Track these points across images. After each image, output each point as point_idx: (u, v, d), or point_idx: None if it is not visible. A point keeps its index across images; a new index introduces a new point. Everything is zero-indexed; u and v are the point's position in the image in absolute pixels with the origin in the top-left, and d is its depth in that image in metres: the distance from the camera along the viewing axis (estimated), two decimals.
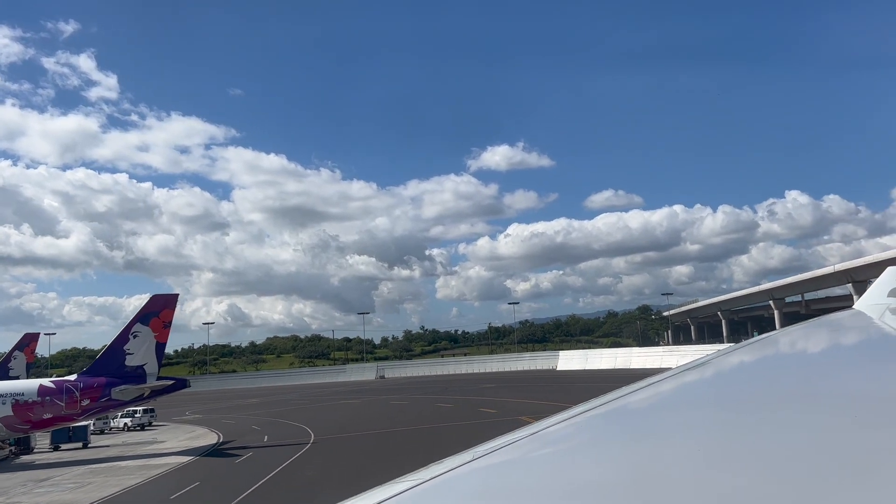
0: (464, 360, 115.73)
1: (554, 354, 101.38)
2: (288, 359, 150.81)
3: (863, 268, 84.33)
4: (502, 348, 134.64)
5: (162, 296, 36.95)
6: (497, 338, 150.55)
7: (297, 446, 30.56)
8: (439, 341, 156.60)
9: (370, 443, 30.13)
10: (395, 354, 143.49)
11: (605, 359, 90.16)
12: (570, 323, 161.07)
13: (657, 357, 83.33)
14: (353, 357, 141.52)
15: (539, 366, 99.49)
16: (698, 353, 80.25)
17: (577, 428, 2.00)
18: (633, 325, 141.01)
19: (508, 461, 1.67)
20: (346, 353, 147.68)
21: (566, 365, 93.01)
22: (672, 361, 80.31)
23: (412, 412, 43.82)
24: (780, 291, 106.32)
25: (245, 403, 68.29)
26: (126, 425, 48.49)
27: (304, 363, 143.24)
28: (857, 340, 4.03)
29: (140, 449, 36.19)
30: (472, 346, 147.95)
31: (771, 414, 1.74)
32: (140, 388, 33.97)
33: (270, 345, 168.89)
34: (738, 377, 3.05)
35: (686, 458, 1.36)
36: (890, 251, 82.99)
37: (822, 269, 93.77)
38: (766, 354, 3.68)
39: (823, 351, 3.75)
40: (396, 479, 1.52)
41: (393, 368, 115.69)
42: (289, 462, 26.09)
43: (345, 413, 47.97)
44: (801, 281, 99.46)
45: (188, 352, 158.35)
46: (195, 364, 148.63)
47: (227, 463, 28.44)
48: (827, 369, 2.77)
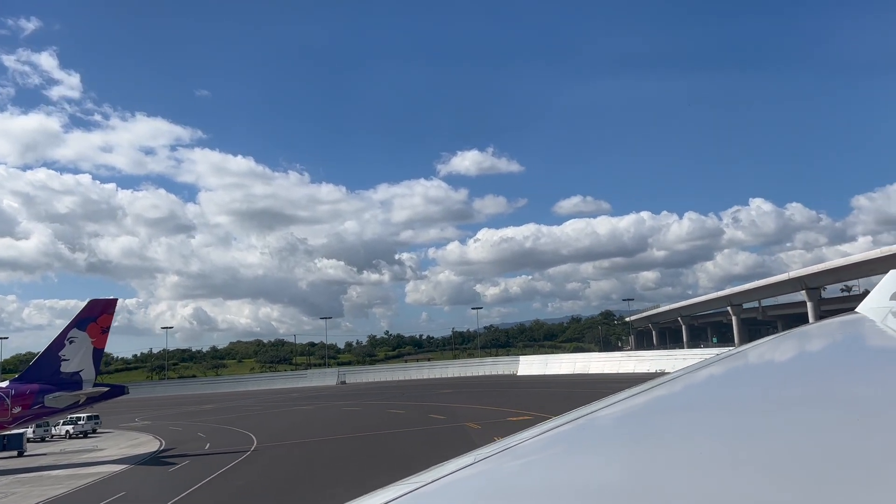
0: (426, 365, 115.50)
1: (515, 359, 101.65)
2: (249, 364, 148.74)
3: (815, 275, 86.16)
4: (465, 353, 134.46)
5: (100, 300, 35.94)
6: (462, 343, 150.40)
7: (235, 454, 29.91)
8: (404, 346, 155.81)
9: (308, 451, 29.63)
10: (357, 359, 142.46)
11: (564, 364, 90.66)
12: (534, 328, 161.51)
13: (615, 362, 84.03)
14: (316, 362, 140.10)
15: (500, 371, 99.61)
16: (655, 358, 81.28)
17: (579, 431, 1.97)
18: (596, 330, 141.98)
19: (511, 464, 1.66)
20: (308, 359, 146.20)
21: (526, 370, 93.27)
22: (629, 366, 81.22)
23: (362, 418, 43.35)
24: (737, 298, 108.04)
25: (199, 410, 67.01)
26: (68, 432, 47.16)
27: (265, 368, 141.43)
28: (860, 344, 3.97)
29: (77, 457, 35.13)
30: (436, 352, 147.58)
31: (774, 417, 1.73)
32: (75, 395, 32.95)
33: (232, 349, 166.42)
34: (740, 380, 3.01)
35: (689, 461, 1.34)
36: (839, 260, 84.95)
37: (777, 276, 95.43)
38: (769, 357, 3.67)
39: (826, 354, 3.71)
40: (398, 482, 1.50)
41: (355, 374, 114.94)
42: (221, 471, 25.48)
43: (294, 420, 47.27)
44: (758, 287, 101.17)
45: (147, 356, 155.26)
46: (154, 369, 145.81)
47: (160, 472, 27.68)
48: (830, 373, 2.74)
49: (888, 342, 3.58)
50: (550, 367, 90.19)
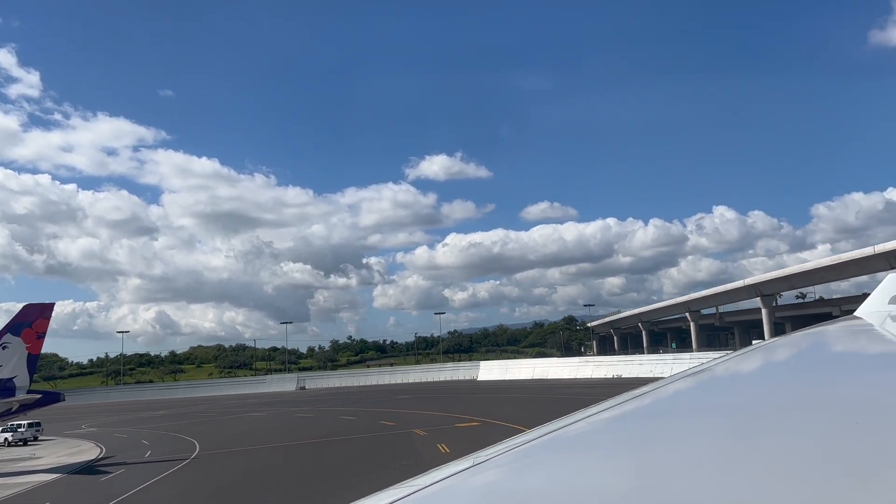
0: (387, 370, 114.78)
1: (476, 365, 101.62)
2: (208, 369, 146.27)
3: (769, 282, 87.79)
4: (428, 358, 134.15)
5: (36, 305, 34.83)
6: (425, 348, 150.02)
7: (173, 462, 29.17)
8: (367, 351, 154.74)
9: (248, 460, 29.03)
10: (319, 365, 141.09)
11: (524, 369, 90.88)
12: (497, 333, 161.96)
13: (573, 367, 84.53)
14: (277, 367, 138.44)
15: (461, 376, 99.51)
16: (613, 363, 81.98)
17: (578, 434, 1.97)
18: (558, 335, 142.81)
19: (509, 467, 1.65)
20: (269, 364, 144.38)
21: (486, 375, 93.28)
22: (587, 372, 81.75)
23: (312, 425, 42.77)
24: (696, 304, 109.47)
25: (150, 416, 65.57)
26: (7, 440, 45.64)
27: (223, 374, 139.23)
28: (858, 347, 3.98)
29: (10, 466, 33.92)
30: (399, 357, 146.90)
31: (773, 421, 1.73)
32: (7, 403, 31.81)
33: (191, 354, 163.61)
34: (739, 384, 2.98)
35: (688, 465, 1.33)
36: (791, 268, 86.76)
37: (733, 283, 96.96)
38: (767, 361, 3.63)
39: (824, 358, 3.72)
40: (396, 485, 1.50)
41: (315, 379, 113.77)
42: (153, 481, 24.79)
43: (244, 427, 46.43)
44: (715, 294, 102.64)
45: (103, 361, 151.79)
46: (109, 374, 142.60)
47: (91, 481, 26.85)
48: (828, 376, 2.72)
49: (887, 346, 3.60)
50: (510, 373, 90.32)
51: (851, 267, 75.63)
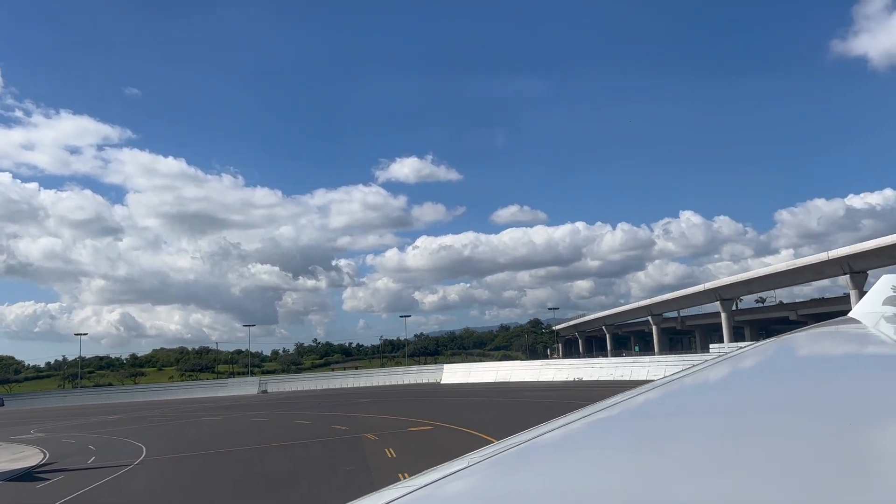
0: (351, 373, 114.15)
1: (440, 368, 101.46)
2: (169, 372, 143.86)
3: (728, 286, 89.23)
4: (393, 362, 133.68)
5: None
6: (391, 351, 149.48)
7: (115, 469, 28.41)
8: (332, 354, 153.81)
9: (191, 466, 28.42)
10: (282, 368, 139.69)
11: (488, 372, 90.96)
12: (463, 336, 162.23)
13: (536, 370, 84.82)
14: (240, 371, 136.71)
15: (425, 379, 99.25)
16: (575, 367, 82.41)
17: (573, 435, 1.97)
18: (523, 338, 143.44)
19: (503, 468, 1.65)
20: (232, 367, 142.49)
21: (450, 378, 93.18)
22: (549, 375, 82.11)
23: (264, 430, 42.18)
24: (657, 308, 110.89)
25: (103, 420, 64.05)
26: None
27: (185, 377, 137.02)
28: (853, 348, 3.97)
29: None
30: (364, 360, 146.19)
31: (767, 421, 1.74)
32: None
33: (153, 357, 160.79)
34: (733, 384, 2.98)
35: (683, 465, 1.33)
36: (749, 272, 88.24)
37: (694, 287, 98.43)
38: (761, 362, 3.63)
39: (819, 358, 3.73)
40: (389, 486, 1.49)
41: (278, 382, 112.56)
42: (89, 489, 24.10)
43: (196, 431, 45.60)
44: (677, 298, 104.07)
45: (60, 364, 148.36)
46: (67, 377, 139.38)
47: (25, 488, 26.02)
48: (822, 377, 2.70)
49: (881, 347, 3.62)
50: (473, 376, 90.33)
51: (807, 272, 77.26)
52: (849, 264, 70.08)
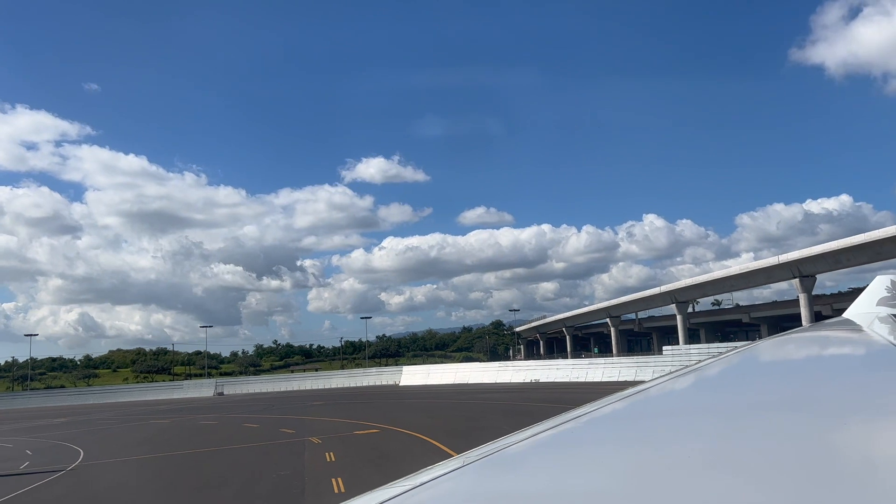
0: (310, 375, 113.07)
1: (399, 370, 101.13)
2: (124, 373, 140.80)
3: (683, 289, 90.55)
4: (353, 363, 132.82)
5: None
6: (352, 352, 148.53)
7: (46, 474, 27.57)
8: (292, 356, 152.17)
9: (126, 471, 27.77)
10: (241, 370, 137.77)
11: (447, 374, 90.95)
12: (426, 337, 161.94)
13: (494, 372, 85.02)
14: (197, 372, 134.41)
15: (384, 381, 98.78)
16: (532, 368, 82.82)
17: (569, 435, 1.97)
18: (485, 340, 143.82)
19: (498, 467, 1.65)
20: (189, 368, 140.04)
21: (408, 380, 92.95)
22: (507, 376, 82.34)
23: (210, 433, 41.43)
24: (616, 310, 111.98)
25: (49, 423, 62.30)
26: None
27: (140, 378, 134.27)
28: (847, 348, 3.98)
29: None
30: (325, 361, 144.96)
31: (761, 421, 1.75)
32: None
33: (109, 358, 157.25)
34: (728, 384, 2.94)
35: (677, 465, 1.34)
36: (703, 276, 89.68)
37: (650, 289, 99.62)
38: (756, 362, 3.63)
39: (813, 358, 3.71)
40: (384, 486, 1.48)
41: (235, 384, 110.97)
42: (13, 495, 23.35)
43: (141, 435, 44.58)
44: (634, 300, 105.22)
45: (11, 365, 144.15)
46: (17, 379, 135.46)
47: None
48: (817, 377, 2.71)
49: (874, 347, 3.64)
50: (432, 378, 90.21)
51: (758, 275, 78.76)
52: (798, 268, 71.67)
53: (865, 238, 63.07)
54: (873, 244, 62.74)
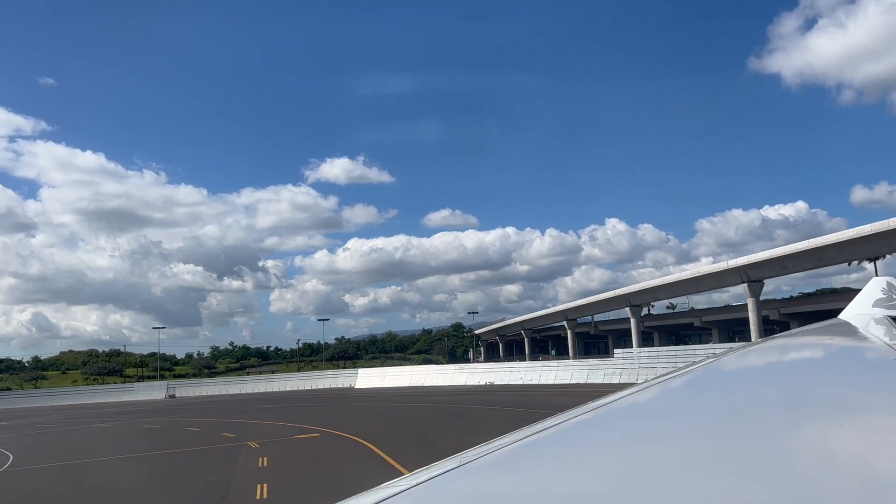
0: (265, 378, 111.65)
1: (355, 372, 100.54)
2: (74, 375, 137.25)
3: (636, 293, 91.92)
4: (310, 366, 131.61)
5: None
6: (310, 354, 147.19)
7: None
8: (248, 358, 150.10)
9: (55, 476, 26.96)
10: (195, 372, 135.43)
11: (402, 376, 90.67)
12: (385, 339, 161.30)
13: (449, 375, 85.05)
14: (150, 374, 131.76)
15: (340, 384, 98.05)
16: (486, 371, 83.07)
17: (566, 434, 1.98)
18: (444, 342, 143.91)
19: (496, 467, 1.64)
20: (141, 370, 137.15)
21: (364, 383, 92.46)
22: (462, 379, 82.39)
23: (150, 437, 40.56)
24: (572, 312, 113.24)
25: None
26: None
27: (90, 380, 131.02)
28: (843, 350, 3.99)
29: None
30: (282, 364, 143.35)
31: (756, 422, 1.76)
32: None
33: (58, 360, 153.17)
34: (723, 385, 2.93)
35: (674, 465, 1.34)
36: (655, 280, 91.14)
37: (605, 293, 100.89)
38: (752, 363, 3.63)
39: (809, 360, 3.71)
40: (381, 486, 1.48)
41: (188, 387, 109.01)
42: None
43: (79, 439, 43.45)
44: (590, 303, 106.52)
45: None
46: None
47: None
48: (813, 378, 2.71)
49: (869, 348, 3.67)
50: (388, 380, 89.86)
51: (709, 280, 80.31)
52: (747, 273, 73.28)
53: (809, 245, 64.82)
54: (816, 250, 64.49)
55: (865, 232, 59.05)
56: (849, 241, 60.98)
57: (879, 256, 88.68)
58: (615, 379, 62.83)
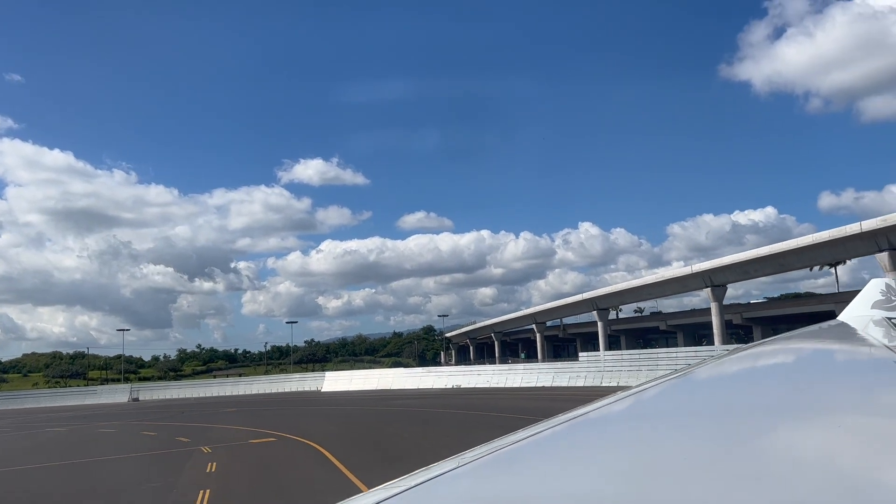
0: (231, 381, 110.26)
1: (322, 375, 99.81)
2: (35, 378, 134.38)
3: (604, 297, 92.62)
4: (278, 368, 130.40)
5: None
6: (279, 357, 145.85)
7: None
8: (216, 360, 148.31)
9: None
10: (160, 375, 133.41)
11: (370, 379, 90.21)
12: (355, 342, 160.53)
13: (417, 378, 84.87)
14: (114, 377, 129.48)
15: (307, 387, 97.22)
16: (454, 374, 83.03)
17: (565, 435, 1.97)
18: (413, 345, 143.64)
19: (495, 468, 1.63)
20: (106, 373, 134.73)
21: (331, 386, 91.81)
22: (429, 382, 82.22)
23: (104, 442, 39.74)
24: (541, 316, 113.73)
25: None
26: None
27: (52, 384, 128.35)
28: (841, 351, 3.96)
29: None
30: (250, 367, 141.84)
31: (755, 424, 1.76)
32: None
33: (20, 362, 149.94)
34: (723, 386, 2.92)
35: (674, 467, 1.34)
36: (622, 284, 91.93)
37: (573, 296, 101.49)
38: (751, 365, 3.60)
39: (808, 361, 3.68)
40: (380, 486, 1.46)
41: (152, 390, 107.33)
42: None
43: (28, 444, 42.46)
44: (558, 307, 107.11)
45: None
46: None
47: None
48: (810, 379, 2.70)
49: (868, 350, 3.65)
50: (355, 384, 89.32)
51: (673, 284, 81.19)
52: (710, 278, 74.21)
53: (769, 250, 65.84)
54: (777, 256, 65.54)
55: (823, 238, 60.13)
56: (807, 247, 62.03)
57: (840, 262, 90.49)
58: (580, 382, 63.15)
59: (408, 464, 23.33)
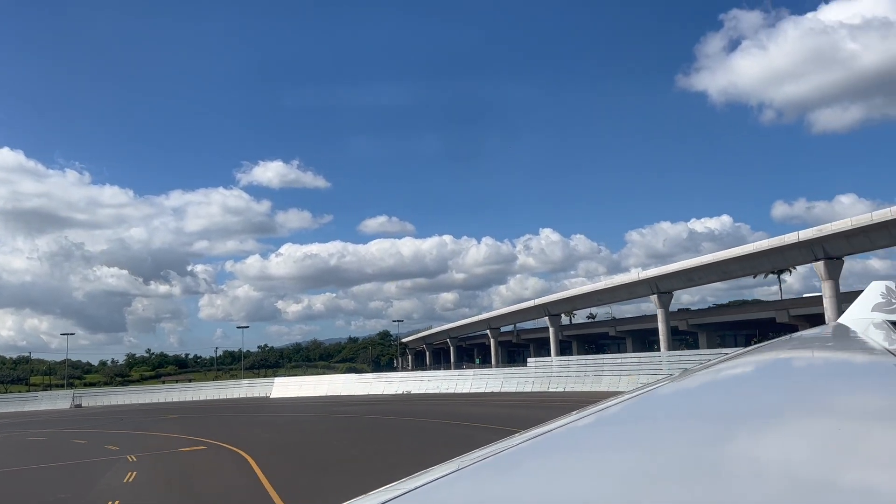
0: (179, 387, 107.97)
1: (271, 381, 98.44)
2: None
3: (555, 303, 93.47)
4: (228, 374, 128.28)
5: None
6: (231, 362, 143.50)
7: None
8: (165, 366, 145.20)
9: None
10: (106, 380, 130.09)
11: (321, 385, 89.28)
12: (310, 347, 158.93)
13: (367, 384, 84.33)
14: (58, 382, 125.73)
15: (255, 393, 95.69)
16: (404, 380, 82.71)
17: (564, 438, 1.97)
18: (368, 350, 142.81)
19: (494, 471, 1.63)
20: (49, 378, 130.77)
21: (280, 392, 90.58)
22: (379, 388, 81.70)
23: (29, 451, 38.50)
24: (495, 321, 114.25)
25: None
26: None
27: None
28: (841, 354, 3.92)
29: None
30: (200, 372, 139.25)
31: (755, 426, 1.77)
32: None
33: None
34: (724, 389, 2.94)
35: (672, 470, 1.34)
36: (572, 290, 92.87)
37: (525, 302, 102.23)
38: (750, 367, 3.60)
39: (808, 364, 3.67)
40: (380, 489, 1.45)
41: (96, 396, 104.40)
42: None
43: None
44: (511, 312, 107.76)
45: None
46: None
47: None
48: (810, 381, 2.73)
49: (868, 352, 3.67)
50: (304, 390, 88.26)
51: (621, 290, 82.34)
52: (656, 284, 75.45)
53: (712, 258, 67.24)
54: (720, 264, 66.95)
55: (763, 247, 61.67)
56: (749, 256, 63.53)
57: (784, 270, 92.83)
58: (528, 388, 63.47)
59: (329, 473, 22.88)
